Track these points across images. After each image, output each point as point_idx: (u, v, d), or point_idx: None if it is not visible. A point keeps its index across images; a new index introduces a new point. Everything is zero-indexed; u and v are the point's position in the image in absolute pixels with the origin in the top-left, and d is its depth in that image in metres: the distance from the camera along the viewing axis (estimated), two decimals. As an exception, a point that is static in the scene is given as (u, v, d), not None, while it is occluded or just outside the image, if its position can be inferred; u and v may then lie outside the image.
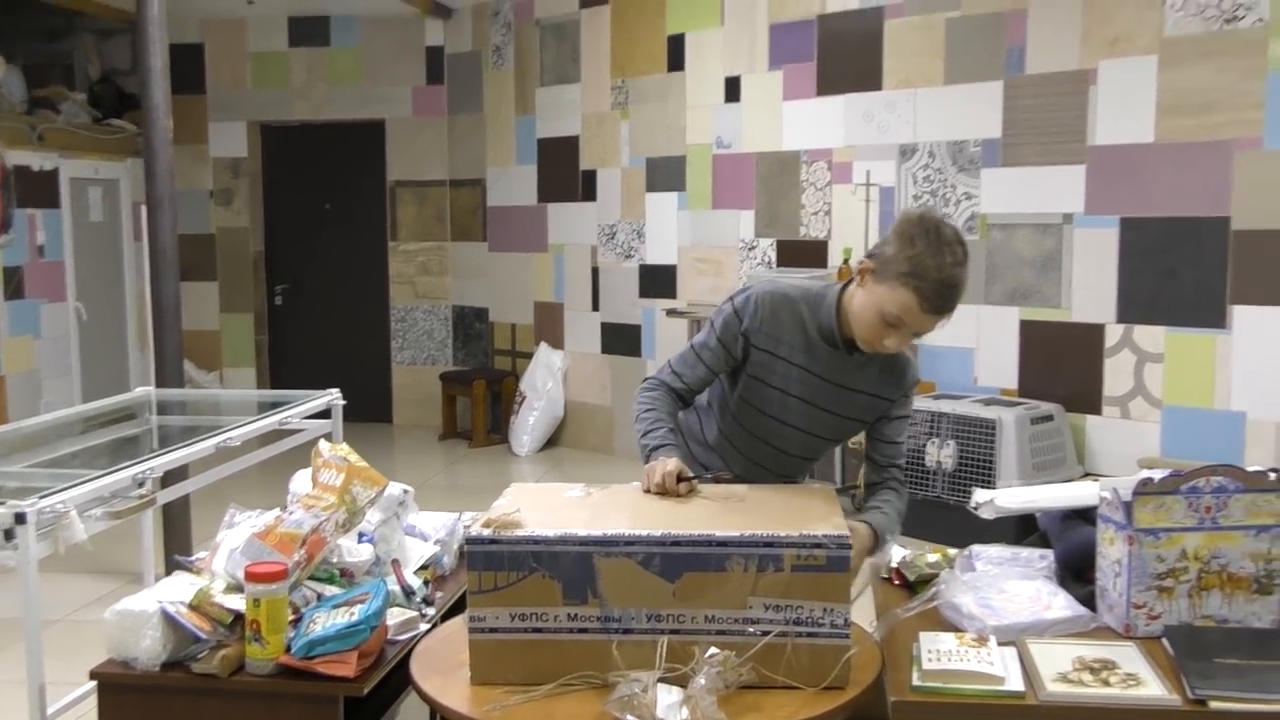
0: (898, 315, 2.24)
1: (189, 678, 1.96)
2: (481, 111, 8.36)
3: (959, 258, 2.23)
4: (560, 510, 2.05)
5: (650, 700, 1.76)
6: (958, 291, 2.23)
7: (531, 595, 1.89)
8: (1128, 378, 5.27)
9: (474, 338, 8.68)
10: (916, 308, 2.21)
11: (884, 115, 6.05)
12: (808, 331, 2.40)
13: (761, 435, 2.50)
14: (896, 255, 2.23)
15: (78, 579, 4.97)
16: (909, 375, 2.50)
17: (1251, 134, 4.81)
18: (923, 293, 2.20)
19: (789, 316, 2.40)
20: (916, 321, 2.24)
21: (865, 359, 2.42)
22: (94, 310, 7.68)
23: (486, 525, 1.92)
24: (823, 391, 2.43)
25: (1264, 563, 2.02)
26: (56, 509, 2.39)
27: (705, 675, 1.80)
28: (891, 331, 2.27)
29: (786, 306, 2.41)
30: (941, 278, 2.20)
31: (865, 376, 2.44)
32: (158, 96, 4.76)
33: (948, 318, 2.27)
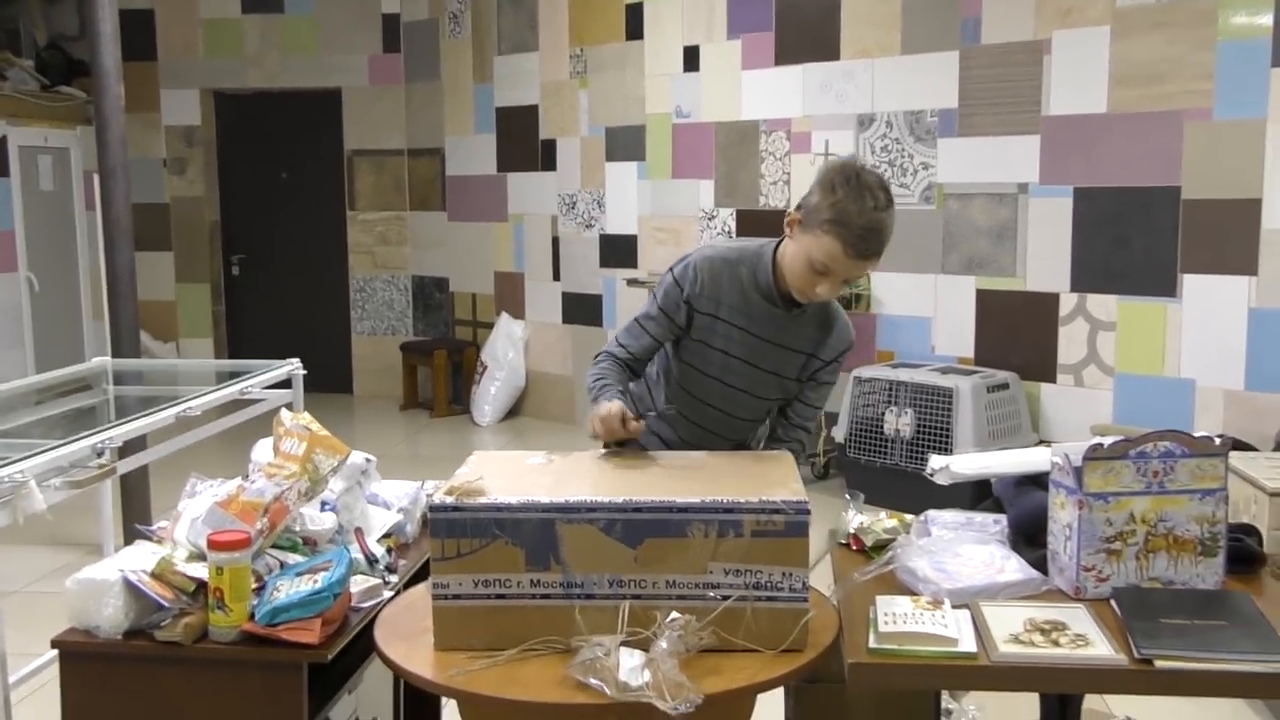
0: (825, 263, 2.28)
1: (152, 646, 1.97)
2: (439, 80, 8.30)
3: (881, 203, 2.27)
4: (523, 477, 2.06)
5: (613, 664, 1.79)
6: (881, 235, 2.28)
7: (494, 562, 1.91)
8: (1081, 346, 5.35)
9: (434, 308, 8.65)
10: (841, 254, 2.26)
11: (842, 85, 6.07)
12: (746, 291, 2.44)
13: (707, 399, 2.53)
14: (820, 204, 2.28)
15: (37, 550, 4.93)
16: (844, 339, 2.55)
17: (1201, 104, 4.88)
18: (846, 239, 2.25)
19: (728, 279, 2.44)
20: (843, 268, 2.29)
21: (803, 317, 2.47)
22: (46, 281, 7.57)
23: (449, 493, 1.94)
24: (762, 351, 2.47)
25: (1208, 525, 2.07)
26: (15, 479, 2.38)
27: (666, 639, 1.83)
28: (821, 279, 2.31)
29: (725, 269, 2.45)
30: (864, 223, 2.24)
31: (803, 335, 2.49)
32: (108, 62, 4.69)
33: (875, 262, 2.33)
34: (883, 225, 2.27)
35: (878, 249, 2.29)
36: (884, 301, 6.04)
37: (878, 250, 2.29)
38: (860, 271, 2.33)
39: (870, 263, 2.31)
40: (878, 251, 2.29)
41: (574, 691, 1.80)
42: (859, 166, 2.32)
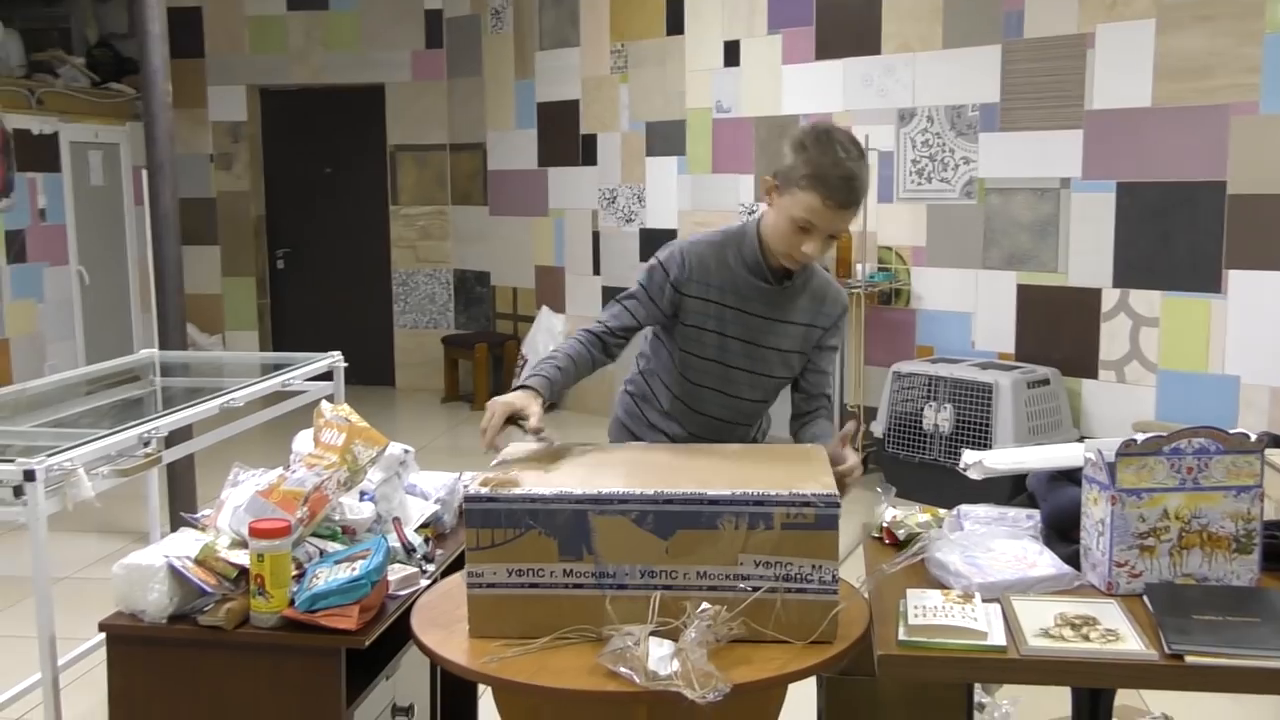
0: (806, 219, 2.31)
1: (195, 630, 2.02)
2: (481, 75, 8.36)
3: (853, 154, 2.30)
4: (556, 469, 2.09)
5: (642, 653, 1.81)
6: (857, 183, 2.30)
7: (528, 552, 1.93)
8: (1124, 342, 5.31)
9: (475, 301, 8.72)
10: (821, 206, 2.29)
11: (883, 79, 6.05)
12: (735, 271, 2.46)
13: (709, 384, 2.53)
14: (794, 163, 2.32)
15: (86, 538, 5.04)
16: (839, 302, 2.57)
17: (1248, 98, 4.82)
18: (824, 191, 2.28)
19: (716, 262, 2.46)
20: (825, 221, 2.31)
21: (793, 289, 2.49)
22: (96, 274, 7.72)
23: (484, 484, 1.97)
24: (758, 328, 2.48)
25: (1243, 522, 2.06)
26: (64, 467, 2.45)
27: (695, 629, 1.85)
28: (805, 237, 2.33)
29: (712, 253, 2.47)
30: (839, 173, 2.27)
31: (796, 307, 2.51)
32: (156, 60, 4.78)
33: (854, 212, 2.35)
34: (857, 174, 2.30)
35: (855, 198, 2.32)
36: (924, 296, 6.02)
37: (855, 199, 2.32)
38: (843, 223, 2.35)
39: (849, 213, 2.34)
40: (856, 200, 2.33)
41: (605, 680, 1.82)
42: (829, 125, 2.37)
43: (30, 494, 2.34)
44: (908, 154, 5.99)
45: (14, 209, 6.89)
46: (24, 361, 6.93)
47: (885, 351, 6.08)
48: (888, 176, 6.08)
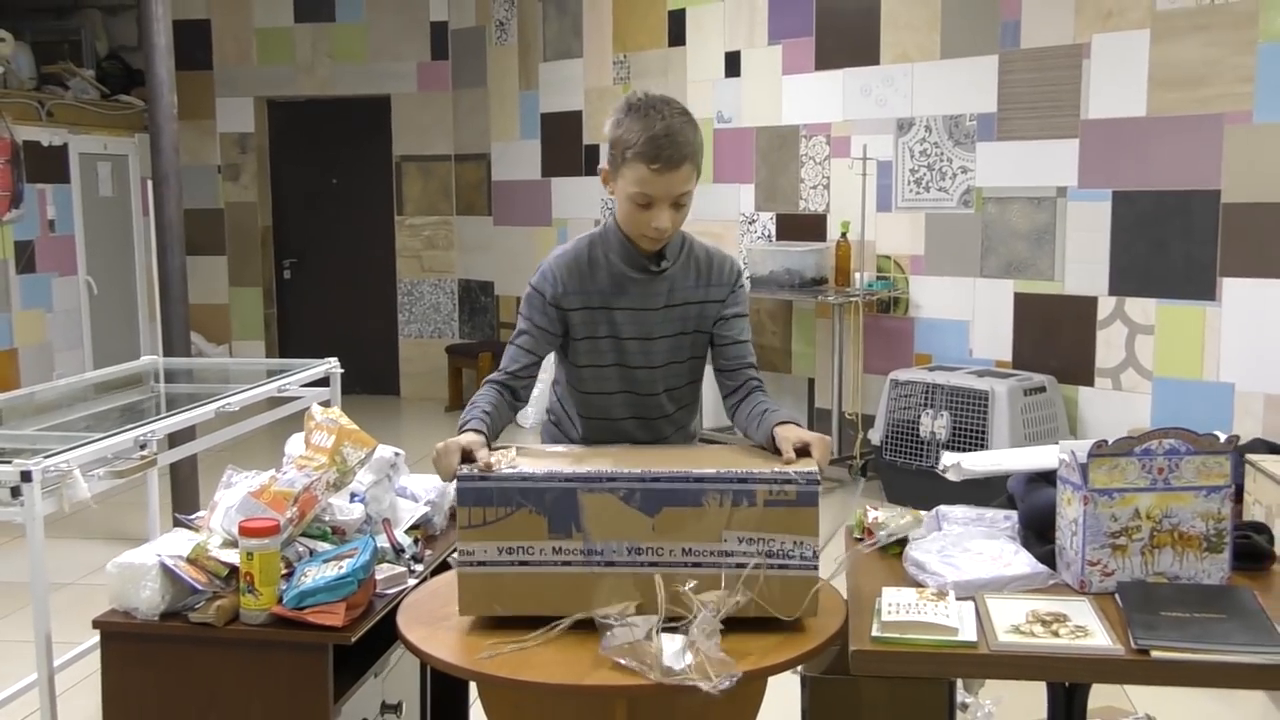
0: (640, 191, 2.23)
1: (186, 626, 2.07)
2: (485, 86, 8.43)
3: (666, 114, 2.21)
4: (547, 454, 2.15)
5: (656, 649, 1.83)
6: (675, 139, 2.20)
7: (518, 530, 1.98)
8: (1119, 349, 5.34)
9: (480, 311, 8.78)
10: (648, 173, 2.20)
11: (881, 90, 6.10)
12: (610, 269, 2.37)
13: (618, 389, 2.44)
14: (614, 141, 2.25)
15: (90, 545, 5.10)
16: (726, 269, 2.45)
17: (1242, 107, 4.86)
18: (644, 155, 2.19)
19: (587, 266, 2.37)
20: (659, 188, 2.21)
21: (677, 270, 2.39)
22: (105, 284, 7.80)
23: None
24: (649, 321, 2.39)
25: (1214, 522, 2.10)
26: (61, 468, 2.51)
27: (701, 619, 1.87)
28: (649, 212, 2.25)
29: (580, 260, 2.38)
30: (651, 134, 2.18)
31: (684, 287, 2.40)
32: (162, 73, 4.85)
33: (687, 172, 2.23)
34: (673, 130, 2.20)
35: (679, 154, 2.20)
36: (922, 305, 6.06)
37: (679, 155, 2.21)
38: (679, 186, 2.23)
39: (679, 172, 2.22)
40: (681, 157, 2.21)
41: (587, 672, 1.85)
42: (644, 93, 2.29)
43: (27, 495, 2.40)
44: (906, 163, 6.03)
45: (24, 220, 6.97)
46: (33, 370, 7.00)
47: (883, 360, 6.12)
48: (886, 186, 6.12)
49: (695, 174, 2.27)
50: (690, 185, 2.26)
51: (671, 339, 2.43)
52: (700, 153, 2.28)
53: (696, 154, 2.26)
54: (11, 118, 6.83)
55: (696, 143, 2.26)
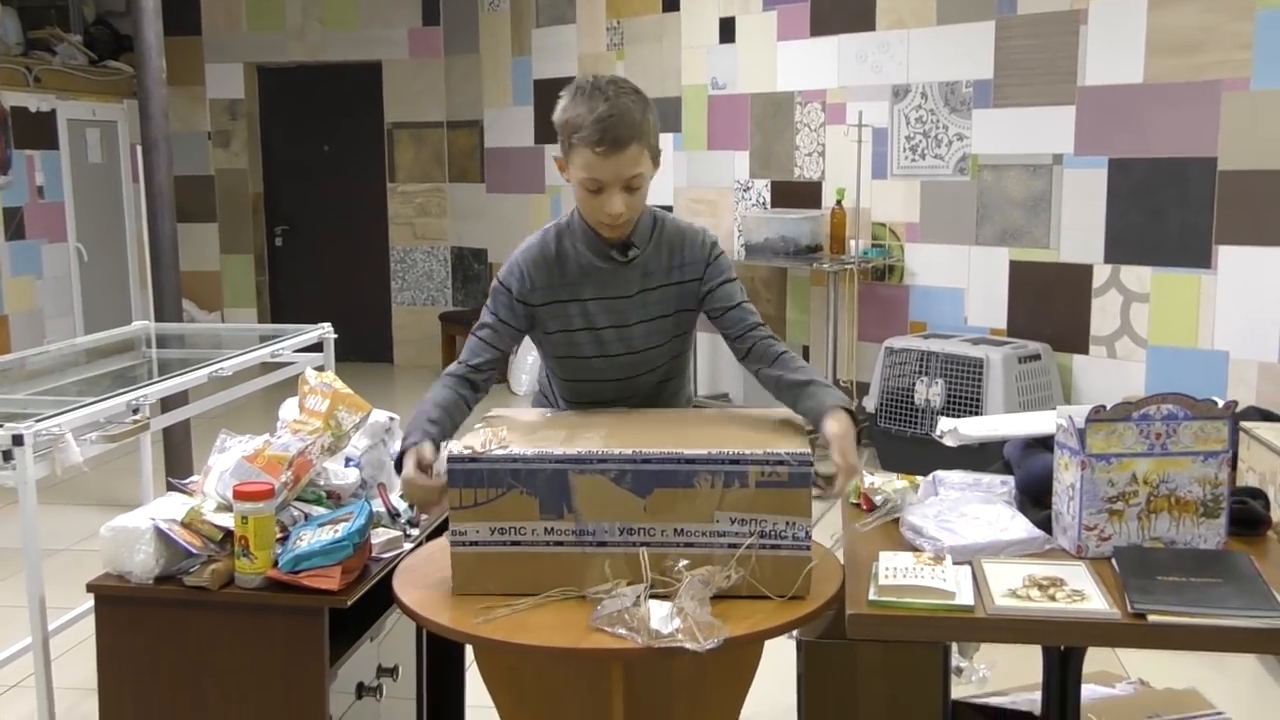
0: (590, 177, 2.17)
1: (181, 590, 2.06)
2: (477, 53, 8.37)
3: (609, 94, 2.15)
4: (537, 430, 2.13)
5: (644, 614, 1.84)
6: (618, 120, 2.13)
7: (510, 510, 1.98)
8: (1114, 317, 5.34)
9: (473, 278, 8.75)
10: (594, 158, 2.14)
11: (877, 56, 6.06)
12: (578, 258, 2.31)
13: (599, 378, 2.41)
14: (562, 127, 2.20)
15: (83, 510, 5.09)
16: (698, 244, 2.37)
17: (1239, 74, 4.83)
18: (588, 140, 2.13)
19: (555, 259, 2.32)
20: (607, 171, 2.15)
21: (645, 253, 2.32)
22: (95, 251, 7.75)
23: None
24: (624, 308, 2.33)
25: (1210, 487, 2.09)
26: (53, 432, 2.49)
27: (689, 585, 1.88)
28: (602, 197, 2.19)
29: (545, 253, 2.33)
30: (595, 117, 2.13)
31: (657, 270, 2.34)
32: (150, 37, 4.80)
33: (635, 152, 2.16)
34: (616, 111, 2.13)
35: (625, 135, 2.14)
36: (917, 272, 6.04)
37: (626, 136, 2.14)
38: (628, 169, 2.16)
39: (627, 154, 2.15)
40: (625, 137, 2.14)
41: (582, 637, 1.86)
42: (588, 76, 2.22)
43: (19, 458, 2.38)
44: (901, 130, 6.00)
45: (12, 186, 6.92)
46: (23, 337, 6.97)
47: (878, 327, 6.11)
48: (882, 153, 6.09)
49: (647, 154, 2.20)
50: (642, 167, 2.19)
51: (650, 323, 2.37)
52: (653, 133, 2.21)
53: (647, 134, 2.18)
54: (-1, 83, 6.77)
55: (647, 123, 2.18)
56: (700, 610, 1.84)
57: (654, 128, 2.21)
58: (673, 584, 1.91)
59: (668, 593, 1.91)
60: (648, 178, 2.22)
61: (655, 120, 2.22)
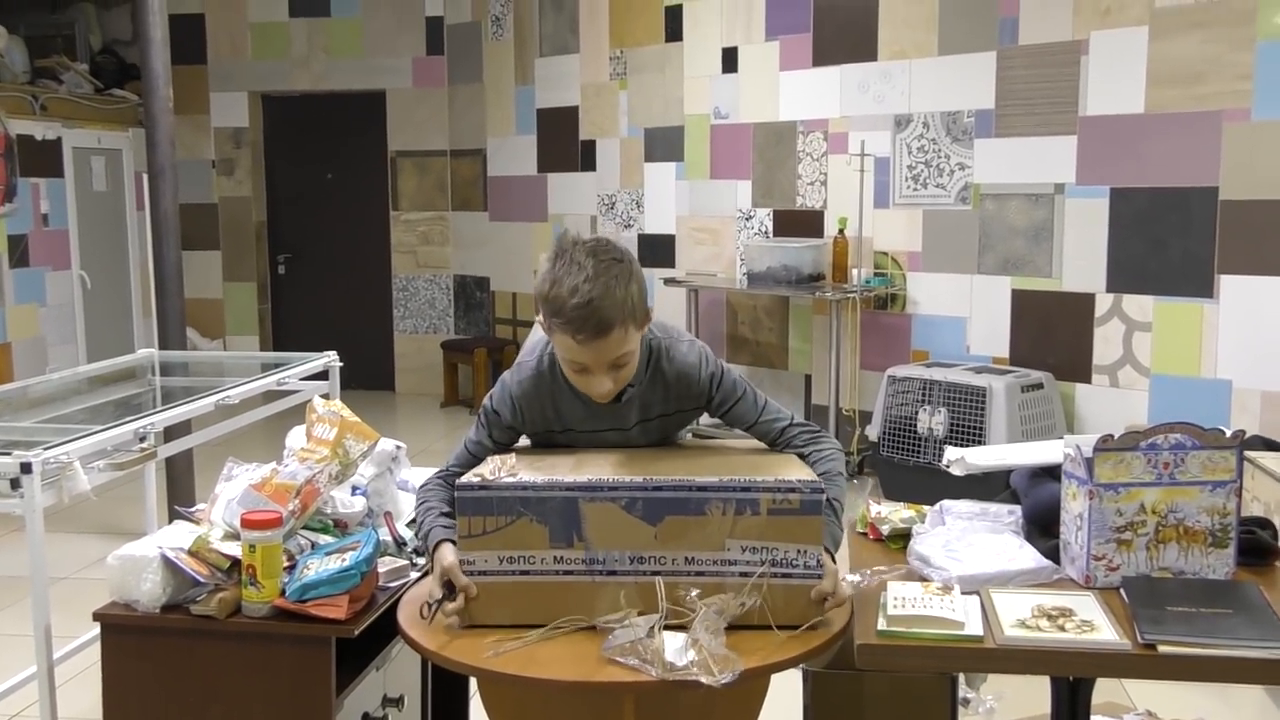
0: (572, 360, 2.08)
1: (188, 619, 2.06)
2: (481, 82, 8.41)
3: (589, 271, 2.01)
4: (546, 459, 2.13)
5: (659, 645, 1.83)
6: (597, 304, 1.99)
7: (519, 539, 1.96)
8: (1117, 346, 5.34)
9: (475, 306, 8.76)
10: (575, 345, 2.03)
11: (879, 86, 6.10)
12: (568, 395, 2.21)
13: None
14: (540, 303, 2.07)
15: (86, 539, 5.08)
16: (695, 387, 2.23)
17: (1240, 105, 4.86)
18: (568, 328, 2.02)
19: (549, 394, 2.22)
20: (590, 356, 2.05)
21: (643, 390, 2.22)
22: (98, 279, 7.77)
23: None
24: (622, 437, 2.26)
25: (1219, 517, 2.10)
26: (60, 460, 2.49)
27: (704, 616, 1.86)
28: (587, 376, 2.10)
29: (538, 386, 2.21)
30: (574, 303, 1.99)
31: (655, 402, 2.25)
32: (157, 65, 4.83)
33: (619, 335, 2.04)
34: (593, 295, 1.99)
35: (602, 323, 2.01)
36: (919, 301, 6.05)
37: (607, 321, 2.01)
38: (612, 351, 2.05)
39: (609, 339, 2.03)
40: (605, 325, 2.01)
41: (593, 669, 1.84)
42: (572, 240, 2.07)
43: (27, 487, 2.38)
44: (904, 160, 6.03)
45: (17, 214, 6.94)
46: (26, 365, 6.97)
47: (880, 356, 6.12)
48: (884, 183, 6.11)
49: (633, 329, 2.07)
50: (628, 345, 2.07)
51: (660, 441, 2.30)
52: (639, 304, 2.06)
53: (631, 311, 2.04)
54: (5, 111, 6.80)
55: (630, 298, 2.03)
56: (715, 642, 1.83)
57: (639, 296, 2.08)
58: (685, 613, 1.90)
59: (680, 623, 1.90)
60: (636, 349, 2.12)
61: (640, 286, 2.09)
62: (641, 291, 2.09)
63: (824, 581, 1.97)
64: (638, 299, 2.06)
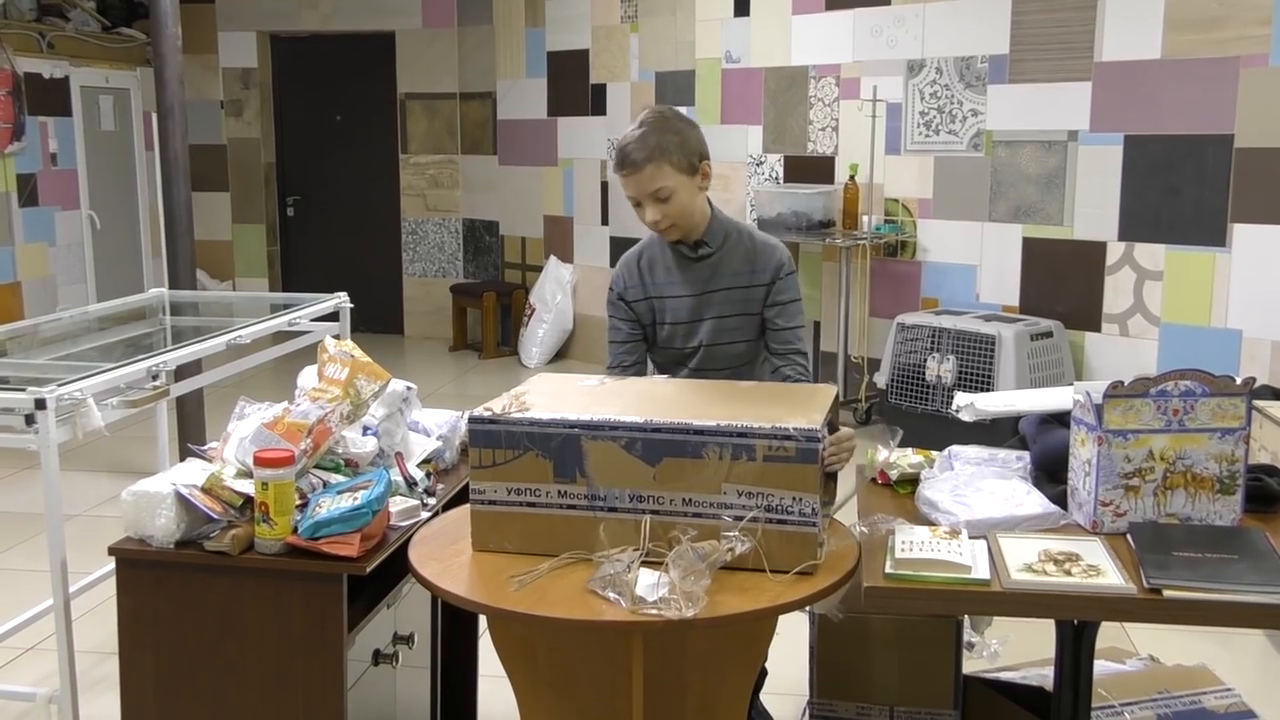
0: (627, 197, 2.58)
1: (202, 555, 2.08)
2: (491, 23, 8.33)
3: (642, 121, 2.53)
4: (563, 396, 2.16)
5: (632, 579, 1.87)
6: (634, 146, 2.50)
7: (526, 472, 2.03)
8: (1127, 295, 5.33)
9: (484, 251, 8.75)
10: (622, 180, 2.55)
11: (892, 30, 6.03)
12: (664, 259, 2.67)
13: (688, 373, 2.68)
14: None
15: (98, 477, 5.13)
16: (774, 259, 2.66)
17: (1258, 50, 4.80)
18: (615, 167, 2.57)
19: (645, 261, 2.70)
20: (633, 189, 2.54)
21: (720, 255, 2.65)
22: (108, 219, 7.76)
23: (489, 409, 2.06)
24: (698, 304, 2.64)
25: (1227, 464, 2.10)
26: (75, 397, 2.51)
27: (676, 554, 1.89)
28: (640, 209, 2.57)
29: (637, 257, 2.71)
30: (619, 145, 2.55)
31: (730, 271, 2.65)
32: (165, 3, 4.78)
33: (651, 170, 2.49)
34: (637, 137, 2.51)
35: (639, 158, 2.49)
36: (929, 249, 6.03)
37: (640, 159, 2.49)
38: (646, 185, 2.51)
39: (643, 173, 2.50)
40: (641, 160, 2.49)
41: (600, 608, 1.86)
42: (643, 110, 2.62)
43: (41, 422, 2.40)
44: (916, 105, 5.98)
45: (25, 153, 6.92)
46: (36, 304, 6.99)
47: (890, 303, 6.11)
48: (895, 128, 6.07)
49: (668, 169, 2.50)
50: (663, 181, 2.51)
51: (722, 320, 2.64)
52: (671, 150, 2.50)
53: (663, 152, 2.49)
54: (12, 49, 6.75)
55: (663, 144, 2.49)
56: (685, 580, 1.85)
57: (678, 146, 2.51)
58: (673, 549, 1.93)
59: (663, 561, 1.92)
60: (678, 188, 2.52)
61: (683, 139, 2.53)
62: (682, 143, 2.52)
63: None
64: (673, 146, 2.50)
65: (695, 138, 2.58)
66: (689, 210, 2.58)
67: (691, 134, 2.57)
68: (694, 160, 2.56)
